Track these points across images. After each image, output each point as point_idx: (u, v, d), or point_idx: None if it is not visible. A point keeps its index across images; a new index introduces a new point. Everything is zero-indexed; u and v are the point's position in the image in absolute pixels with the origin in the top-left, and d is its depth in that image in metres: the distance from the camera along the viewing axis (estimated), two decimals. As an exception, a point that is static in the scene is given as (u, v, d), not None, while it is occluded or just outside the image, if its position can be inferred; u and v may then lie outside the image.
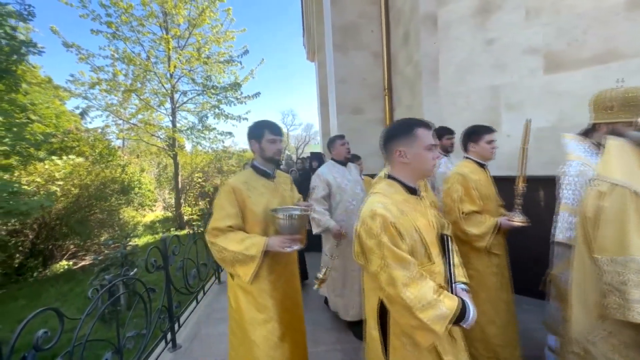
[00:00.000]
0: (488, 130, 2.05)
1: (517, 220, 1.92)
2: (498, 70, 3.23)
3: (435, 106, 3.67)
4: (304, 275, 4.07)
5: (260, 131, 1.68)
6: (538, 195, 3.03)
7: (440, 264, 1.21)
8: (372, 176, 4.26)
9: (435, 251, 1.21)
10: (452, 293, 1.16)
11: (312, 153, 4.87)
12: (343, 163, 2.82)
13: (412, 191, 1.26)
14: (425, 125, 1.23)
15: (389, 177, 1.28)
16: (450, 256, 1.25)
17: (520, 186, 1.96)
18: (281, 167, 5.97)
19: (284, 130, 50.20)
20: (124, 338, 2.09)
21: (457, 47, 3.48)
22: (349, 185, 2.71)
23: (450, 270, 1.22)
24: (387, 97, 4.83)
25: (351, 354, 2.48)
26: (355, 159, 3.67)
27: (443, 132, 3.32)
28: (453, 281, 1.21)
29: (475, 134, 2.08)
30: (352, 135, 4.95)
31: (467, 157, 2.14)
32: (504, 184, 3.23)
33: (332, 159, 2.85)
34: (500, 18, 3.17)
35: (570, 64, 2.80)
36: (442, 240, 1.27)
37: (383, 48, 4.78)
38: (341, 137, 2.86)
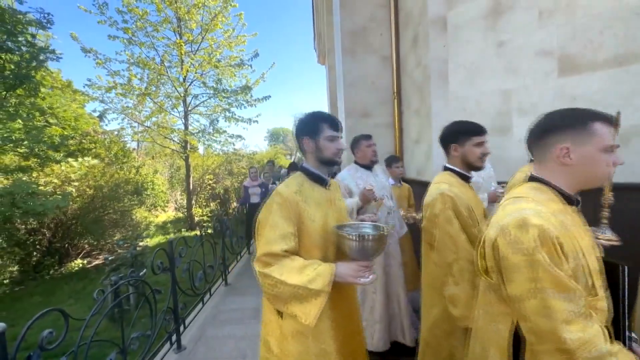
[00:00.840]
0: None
1: (606, 238, 1.58)
2: (510, 74, 3.14)
3: (444, 110, 3.60)
4: None
5: (317, 126, 1.35)
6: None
7: (604, 299, 0.93)
8: (410, 182, 4.15)
9: (599, 282, 0.93)
10: (624, 345, 0.89)
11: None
12: (368, 167, 2.50)
13: (571, 201, 0.98)
14: (606, 119, 0.97)
15: (535, 179, 1.01)
16: (625, 293, 0.95)
17: (608, 196, 1.64)
18: (282, 171, 6.05)
19: (293, 132, 50.32)
20: (129, 339, 2.12)
21: (467, 49, 3.41)
22: (384, 192, 2.39)
23: (623, 311, 0.93)
24: (396, 100, 4.78)
25: None
26: (393, 161, 3.41)
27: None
28: (625, 329, 0.93)
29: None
30: (360, 139, 4.94)
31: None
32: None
33: (356, 162, 2.54)
34: (512, 19, 3.09)
35: (586, 66, 2.69)
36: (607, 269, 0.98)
37: (392, 51, 4.74)
38: (367, 137, 2.53)
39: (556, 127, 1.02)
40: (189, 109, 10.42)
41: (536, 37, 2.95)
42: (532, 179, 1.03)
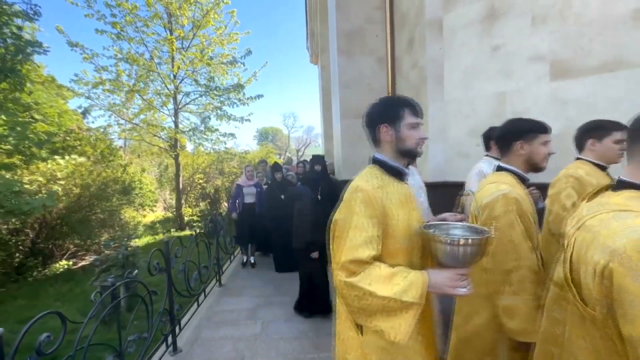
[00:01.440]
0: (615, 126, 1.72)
1: None
2: (504, 77, 3.22)
3: (440, 113, 3.67)
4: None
5: (397, 112, 1.19)
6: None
7: None
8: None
9: None
10: None
11: (314, 156, 4.64)
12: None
13: None
14: None
15: (631, 185, 0.82)
16: None
17: None
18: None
19: (285, 132, 50.28)
20: (126, 342, 2.07)
21: (462, 52, 3.48)
22: (423, 197, 1.88)
23: None
24: (391, 101, 4.83)
25: None
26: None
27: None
28: None
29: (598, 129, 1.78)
30: (356, 141, 4.96)
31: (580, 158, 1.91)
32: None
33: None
34: (507, 24, 3.16)
35: (577, 71, 2.79)
36: None
37: (387, 53, 4.79)
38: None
39: None
40: (180, 106, 10.23)
41: (529, 42, 3.03)
42: (627, 185, 0.82)
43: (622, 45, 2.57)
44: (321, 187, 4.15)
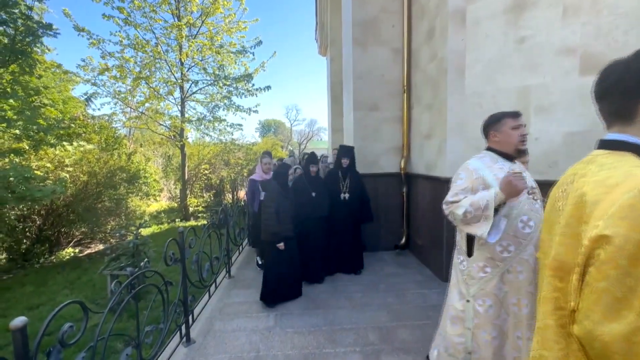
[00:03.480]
0: None
1: None
2: (529, 71, 3.11)
3: (459, 106, 3.57)
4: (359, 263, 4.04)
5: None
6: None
7: None
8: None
9: None
10: None
11: (342, 146, 4.15)
12: (509, 157, 1.71)
13: None
14: None
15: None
16: None
17: None
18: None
19: (287, 125, 50.02)
20: (143, 332, 2.03)
21: (486, 44, 3.36)
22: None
23: None
24: (405, 94, 4.73)
25: (370, 356, 2.42)
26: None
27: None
28: None
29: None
30: (368, 133, 4.87)
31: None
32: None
33: (490, 148, 1.76)
34: (535, 15, 3.04)
35: (609, 66, 2.68)
36: None
37: (404, 44, 4.66)
38: (514, 114, 1.70)
39: None
40: (186, 95, 10.11)
41: (559, 34, 2.92)
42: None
43: (659, 39, 2.46)
44: (350, 181, 3.95)
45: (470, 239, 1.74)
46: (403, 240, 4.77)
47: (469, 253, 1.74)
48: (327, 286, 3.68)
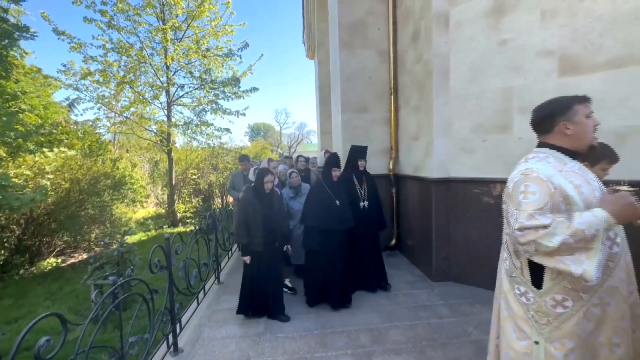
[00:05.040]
0: None
1: None
2: (511, 72, 3.19)
3: (445, 108, 3.62)
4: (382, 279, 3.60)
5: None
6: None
7: None
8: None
9: None
10: None
11: (354, 147, 3.69)
12: (575, 155, 1.33)
13: None
14: None
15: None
16: None
17: None
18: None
19: (277, 128, 49.85)
20: (127, 343, 1.96)
21: (469, 47, 3.43)
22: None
23: None
24: (392, 96, 4.77)
25: (362, 358, 2.40)
26: (602, 157, 1.77)
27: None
28: None
29: None
30: (356, 135, 4.89)
31: None
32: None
33: (550, 144, 1.35)
34: (515, 19, 3.13)
35: (586, 67, 2.77)
36: None
37: (390, 46, 4.72)
38: (584, 99, 1.31)
39: None
40: (172, 99, 9.95)
41: (538, 37, 3.00)
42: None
43: (632, 41, 2.56)
44: (367, 186, 3.55)
45: (538, 266, 1.26)
46: (393, 241, 4.79)
47: (537, 284, 1.28)
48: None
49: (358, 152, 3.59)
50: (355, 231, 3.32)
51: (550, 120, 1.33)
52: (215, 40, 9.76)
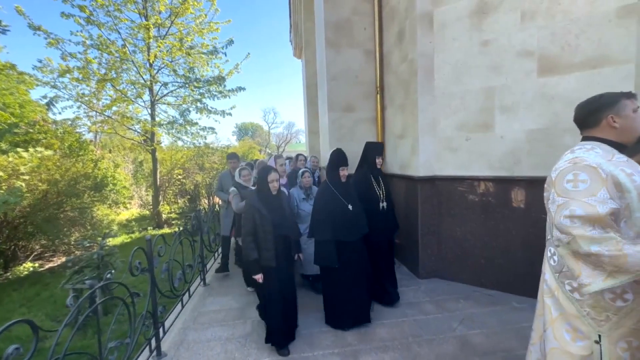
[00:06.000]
0: None
1: None
2: (493, 72, 3.26)
3: (430, 106, 3.67)
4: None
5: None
6: (529, 195, 3.09)
7: None
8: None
9: None
10: None
11: (369, 143, 3.39)
12: (621, 148, 1.34)
13: None
14: None
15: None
16: None
17: None
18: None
19: (265, 128, 49.51)
20: (106, 349, 1.90)
21: (453, 47, 3.49)
22: None
23: None
24: (378, 95, 4.80)
25: (349, 357, 2.40)
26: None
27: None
28: None
29: None
30: (343, 135, 4.90)
31: None
32: (499, 185, 3.28)
33: (597, 138, 1.35)
34: (496, 20, 3.19)
35: (564, 67, 2.86)
36: None
37: (376, 46, 4.74)
38: (630, 94, 1.33)
39: None
40: (156, 98, 9.71)
41: (518, 37, 3.08)
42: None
43: (606, 43, 2.65)
44: (385, 190, 3.21)
45: None
46: (380, 240, 4.81)
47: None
48: (306, 290, 3.62)
49: (374, 149, 3.26)
50: (371, 236, 2.91)
51: (598, 113, 1.34)
52: (200, 37, 9.58)
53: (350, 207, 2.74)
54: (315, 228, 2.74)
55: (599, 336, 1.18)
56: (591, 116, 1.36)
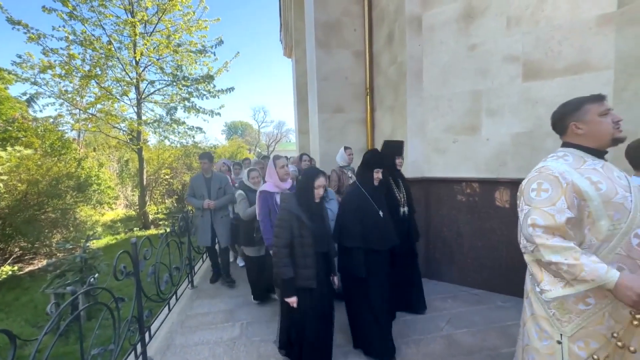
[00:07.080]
0: None
1: None
2: (480, 76, 3.32)
3: (419, 108, 3.71)
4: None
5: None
6: (514, 197, 3.17)
7: None
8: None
9: None
10: None
11: (388, 142, 3.06)
12: (599, 153, 1.32)
13: None
14: None
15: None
16: None
17: None
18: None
19: (255, 127, 49.05)
20: (90, 356, 1.84)
21: (441, 50, 3.54)
22: (631, 198, 1.19)
23: None
24: (368, 97, 4.83)
25: (339, 357, 2.41)
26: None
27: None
28: None
29: None
30: (333, 135, 4.90)
31: None
32: (484, 186, 3.35)
33: (571, 144, 1.36)
34: (483, 24, 3.26)
35: (547, 73, 2.94)
36: None
37: (365, 47, 4.76)
38: (596, 98, 1.31)
39: None
40: (143, 96, 9.50)
41: (504, 42, 3.15)
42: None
43: (587, 49, 2.74)
44: (407, 193, 2.97)
45: None
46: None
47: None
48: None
49: (394, 148, 2.94)
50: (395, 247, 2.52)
51: (562, 121, 1.37)
52: (188, 35, 9.41)
53: (380, 213, 2.42)
54: (344, 233, 2.37)
55: (561, 335, 1.23)
56: (558, 123, 1.39)
